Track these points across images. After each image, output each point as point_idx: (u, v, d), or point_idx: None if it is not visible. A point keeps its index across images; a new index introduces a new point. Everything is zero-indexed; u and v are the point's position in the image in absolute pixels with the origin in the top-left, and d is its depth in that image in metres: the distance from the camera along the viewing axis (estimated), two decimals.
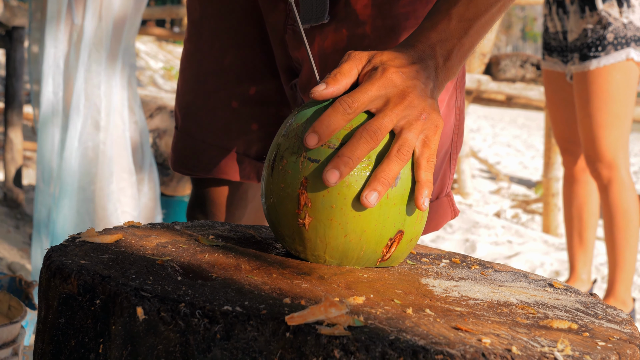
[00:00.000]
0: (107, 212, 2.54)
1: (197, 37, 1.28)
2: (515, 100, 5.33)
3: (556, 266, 4.06)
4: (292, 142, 0.85)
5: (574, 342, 0.69)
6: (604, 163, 3.02)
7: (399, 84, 0.85)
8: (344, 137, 0.83)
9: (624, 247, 3.05)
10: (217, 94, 1.27)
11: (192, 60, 1.29)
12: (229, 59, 1.26)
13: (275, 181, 0.85)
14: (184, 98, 1.31)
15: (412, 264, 0.93)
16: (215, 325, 0.66)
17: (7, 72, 3.71)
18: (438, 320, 0.70)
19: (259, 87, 1.26)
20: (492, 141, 11.58)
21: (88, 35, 2.48)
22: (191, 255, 0.83)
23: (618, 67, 2.98)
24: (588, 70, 3.01)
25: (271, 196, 0.86)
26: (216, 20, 1.26)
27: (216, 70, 1.27)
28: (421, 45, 0.92)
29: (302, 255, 0.87)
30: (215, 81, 1.27)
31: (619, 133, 3.01)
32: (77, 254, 0.79)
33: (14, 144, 3.72)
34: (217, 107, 1.27)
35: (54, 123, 2.55)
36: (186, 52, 1.32)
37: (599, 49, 2.98)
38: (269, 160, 0.88)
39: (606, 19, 2.98)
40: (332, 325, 0.65)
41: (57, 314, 0.74)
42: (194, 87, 1.29)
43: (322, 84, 0.85)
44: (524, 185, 7.22)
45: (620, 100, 2.99)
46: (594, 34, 3.00)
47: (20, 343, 1.41)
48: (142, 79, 8.67)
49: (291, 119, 0.88)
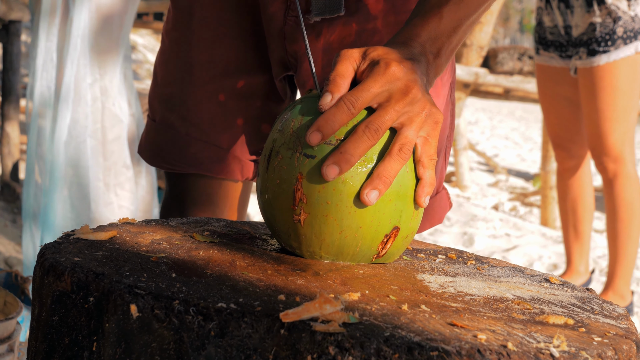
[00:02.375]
0: (106, 206, 2.54)
1: (185, 25, 1.23)
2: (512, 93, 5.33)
3: (554, 259, 4.06)
4: (288, 138, 0.84)
5: (570, 337, 0.68)
6: (610, 157, 3.02)
7: (401, 78, 0.85)
8: (342, 133, 0.83)
9: (625, 240, 3.05)
10: (205, 86, 1.22)
11: (177, 50, 1.24)
12: (219, 50, 1.22)
13: (271, 177, 0.85)
14: (166, 89, 1.25)
15: (408, 260, 0.93)
16: (210, 323, 0.65)
17: (3, 66, 3.71)
18: (434, 317, 0.69)
19: (247, 81, 1.23)
20: (490, 134, 11.58)
21: (81, 28, 2.47)
22: (186, 252, 0.83)
23: (627, 61, 2.97)
24: (597, 65, 2.99)
25: (267, 192, 0.86)
26: (209, 9, 1.21)
27: (205, 61, 1.22)
28: (412, 42, 0.92)
29: (298, 251, 0.86)
30: (203, 73, 1.22)
31: (626, 127, 3.01)
32: (71, 251, 0.78)
33: (10, 138, 3.72)
34: (204, 99, 1.23)
35: (44, 116, 2.54)
36: (170, 41, 1.25)
37: (609, 43, 2.97)
38: (265, 155, 0.87)
39: (615, 13, 2.97)
40: (327, 322, 0.64)
41: (51, 311, 0.74)
42: (179, 78, 1.24)
43: (326, 94, 0.84)
44: (522, 178, 7.22)
45: (628, 94, 2.99)
46: (603, 28, 2.99)
47: (16, 339, 1.41)
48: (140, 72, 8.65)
49: (286, 114, 0.87)
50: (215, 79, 1.23)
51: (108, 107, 2.54)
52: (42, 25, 2.50)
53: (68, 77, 2.47)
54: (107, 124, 2.53)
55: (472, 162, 7.54)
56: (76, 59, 2.46)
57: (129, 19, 2.56)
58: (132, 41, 9.36)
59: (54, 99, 2.52)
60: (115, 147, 2.56)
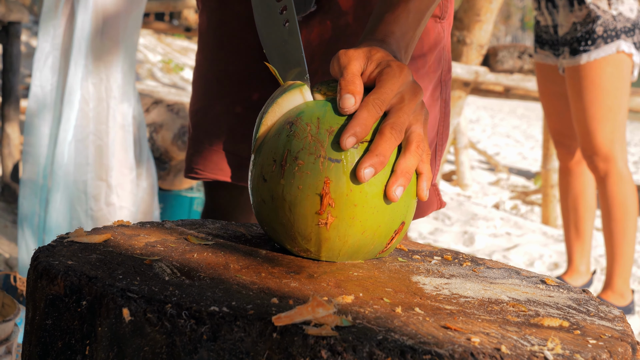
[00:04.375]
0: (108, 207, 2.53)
1: (205, 47, 1.34)
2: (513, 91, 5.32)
3: (555, 258, 4.05)
4: (308, 143, 0.84)
5: (564, 340, 0.68)
6: (600, 156, 3.01)
7: (410, 81, 0.88)
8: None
9: (621, 239, 3.04)
10: (222, 100, 1.31)
11: (200, 70, 1.35)
12: (232, 67, 1.29)
13: (290, 183, 0.84)
14: (193, 107, 1.36)
15: (404, 261, 0.93)
16: (202, 326, 0.65)
17: (3, 67, 3.70)
18: (427, 319, 0.69)
19: (261, 93, 1.29)
20: (491, 132, 11.58)
21: (85, 30, 2.47)
22: (180, 255, 0.82)
23: (609, 60, 2.97)
24: (579, 65, 3.00)
25: (281, 198, 0.85)
26: (220, 30, 1.31)
27: (220, 77, 1.31)
28: (389, 39, 0.95)
29: (313, 255, 0.87)
30: (219, 88, 1.31)
31: (614, 126, 3.01)
32: (64, 255, 0.78)
33: (11, 139, 3.71)
34: (222, 112, 1.31)
35: (44, 117, 2.54)
36: (196, 64, 1.37)
37: (589, 42, 2.97)
38: (273, 161, 0.86)
39: (595, 12, 2.97)
40: (320, 325, 0.64)
41: (44, 315, 0.74)
42: (200, 95, 1.34)
43: (348, 97, 0.84)
44: (523, 176, 7.22)
45: (613, 93, 2.99)
46: (583, 27, 2.99)
47: (13, 341, 1.40)
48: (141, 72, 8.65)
49: (295, 119, 0.86)
50: (231, 93, 1.31)
51: (110, 109, 2.53)
52: (42, 25, 2.50)
53: (72, 78, 2.47)
54: (109, 125, 2.53)
55: (473, 161, 7.54)
56: (81, 60, 2.46)
57: (133, 21, 2.55)
58: None
59: (57, 101, 2.51)
60: (117, 148, 2.56)
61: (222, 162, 1.31)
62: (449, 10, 1.20)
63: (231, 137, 1.31)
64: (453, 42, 4.99)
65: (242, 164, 1.31)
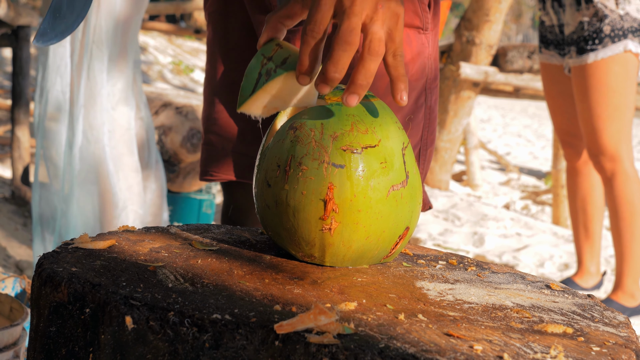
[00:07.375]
0: (116, 211, 2.54)
1: (212, 57, 1.38)
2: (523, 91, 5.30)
3: (565, 259, 4.04)
4: (311, 149, 0.84)
5: (567, 347, 0.68)
6: (607, 156, 3.00)
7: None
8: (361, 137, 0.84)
9: (630, 239, 3.02)
10: (231, 105, 1.35)
11: (208, 79, 1.40)
12: (237, 74, 1.32)
13: (294, 188, 0.84)
14: (204, 114, 1.40)
15: (408, 266, 0.93)
16: (204, 334, 0.65)
17: (13, 70, 3.72)
18: (430, 326, 0.69)
19: None
20: (502, 131, 11.54)
21: (96, 34, 2.48)
22: (184, 261, 0.83)
23: (616, 59, 2.96)
24: (586, 64, 2.99)
25: (284, 204, 0.85)
26: (225, 39, 1.35)
27: (227, 84, 1.35)
28: None
29: (317, 260, 0.87)
30: (227, 95, 1.35)
31: (620, 125, 2.99)
32: (68, 261, 0.78)
33: (21, 142, 3.73)
34: (232, 116, 1.35)
35: (56, 120, 2.55)
36: (205, 73, 1.42)
37: (596, 41, 2.96)
38: (277, 167, 0.86)
39: (602, 11, 2.96)
40: (322, 333, 0.64)
41: (48, 322, 0.74)
42: (210, 102, 1.38)
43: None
44: (534, 176, 7.19)
45: (620, 93, 2.97)
46: (590, 26, 2.98)
47: (21, 346, 1.41)
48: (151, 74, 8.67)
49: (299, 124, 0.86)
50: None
51: (118, 111, 2.54)
52: None
53: (84, 82, 2.48)
54: (116, 127, 2.54)
55: (483, 161, 7.52)
56: (90, 63, 2.47)
57: (136, 23, 2.57)
58: (144, 42, 9.38)
59: (69, 105, 2.53)
60: (124, 150, 2.57)
61: (235, 164, 1.36)
62: (432, 22, 1.21)
63: (242, 140, 1.34)
64: (462, 43, 4.98)
65: (254, 164, 1.34)
